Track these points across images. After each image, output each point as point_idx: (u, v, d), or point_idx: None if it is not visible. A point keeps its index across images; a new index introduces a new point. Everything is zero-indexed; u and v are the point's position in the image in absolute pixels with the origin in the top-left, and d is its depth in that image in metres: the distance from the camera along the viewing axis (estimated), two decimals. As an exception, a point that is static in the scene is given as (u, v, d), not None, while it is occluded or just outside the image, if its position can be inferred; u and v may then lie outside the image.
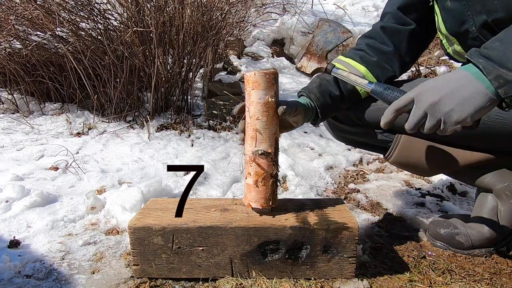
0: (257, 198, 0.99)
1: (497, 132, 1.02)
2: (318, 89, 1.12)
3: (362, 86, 1.00)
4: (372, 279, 1.01)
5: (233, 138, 2.25)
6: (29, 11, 2.10)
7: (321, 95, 1.11)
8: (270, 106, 0.95)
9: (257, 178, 0.98)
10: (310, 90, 1.12)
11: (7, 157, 1.78)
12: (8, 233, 1.20)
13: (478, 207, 1.17)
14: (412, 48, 1.20)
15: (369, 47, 1.18)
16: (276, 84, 0.95)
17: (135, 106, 2.38)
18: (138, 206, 1.33)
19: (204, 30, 2.36)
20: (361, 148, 1.36)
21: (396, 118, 0.90)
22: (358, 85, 1.01)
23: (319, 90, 1.12)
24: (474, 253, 1.13)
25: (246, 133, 0.99)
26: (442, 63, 3.48)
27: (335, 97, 1.13)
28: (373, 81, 1.02)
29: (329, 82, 1.13)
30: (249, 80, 0.94)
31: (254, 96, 0.94)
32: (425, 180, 1.78)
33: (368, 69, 1.14)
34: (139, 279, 0.99)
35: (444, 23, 1.07)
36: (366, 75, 1.13)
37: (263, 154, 0.96)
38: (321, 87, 1.12)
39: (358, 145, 1.34)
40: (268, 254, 0.97)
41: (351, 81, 1.02)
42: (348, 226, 0.95)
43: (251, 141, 0.97)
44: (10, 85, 2.33)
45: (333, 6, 5.36)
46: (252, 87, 0.94)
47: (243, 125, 1.00)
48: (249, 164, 0.98)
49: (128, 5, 2.17)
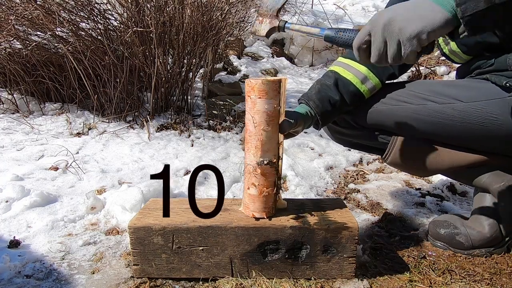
0: (261, 208, 0.98)
1: (492, 133, 1.02)
2: (317, 96, 1.11)
3: (315, 35, 0.96)
4: (372, 279, 1.01)
5: (233, 138, 2.25)
6: (29, 11, 2.10)
7: (320, 102, 1.11)
8: (276, 115, 0.93)
9: (262, 189, 0.96)
10: (309, 97, 1.12)
11: (7, 157, 1.78)
12: (8, 233, 1.20)
13: (477, 207, 1.17)
14: None
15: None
16: (283, 91, 0.93)
17: (135, 106, 2.38)
18: (138, 206, 1.33)
19: (204, 30, 2.36)
20: (359, 149, 1.36)
21: (366, 55, 0.84)
22: (312, 35, 0.97)
23: (318, 97, 1.11)
24: (474, 253, 1.13)
25: (249, 142, 0.96)
26: (442, 63, 3.47)
27: (335, 102, 1.12)
28: (376, 82, 1.03)
29: (329, 87, 1.13)
30: (254, 88, 0.91)
31: (260, 105, 0.91)
32: (425, 180, 1.78)
33: (368, 68, 1.14)
34: (139, 279, 0.99)
35: None
36: (367, 75, 1.13)
37: (268, 164, 0.95)
38: (320, 93, 1.12)
39: (355, 147, 1.34)
40: (268, 254, 0.97)
41: (305, 33, 1.00)
42: (348, 226, 0.95)
43: (255, 150, 0.94)
44: (10, 85, 2.33)
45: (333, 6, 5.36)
46: (259, 96, 0.91)
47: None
48: (253, 175, 0.96)
49: (128, 5, 2.17)
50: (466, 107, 1.03)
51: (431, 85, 1.13)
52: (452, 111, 1.04)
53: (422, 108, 1.08)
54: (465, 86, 1.07)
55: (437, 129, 1.08)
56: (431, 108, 1.07)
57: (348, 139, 1.30)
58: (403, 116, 1.11)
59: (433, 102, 1.07)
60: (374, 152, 1.31)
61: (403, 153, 1.15)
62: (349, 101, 1.14)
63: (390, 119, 1.14)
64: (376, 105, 1.15)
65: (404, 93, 1.13)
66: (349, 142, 1.33)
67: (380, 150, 1.23)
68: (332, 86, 1.13)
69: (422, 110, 1.08)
